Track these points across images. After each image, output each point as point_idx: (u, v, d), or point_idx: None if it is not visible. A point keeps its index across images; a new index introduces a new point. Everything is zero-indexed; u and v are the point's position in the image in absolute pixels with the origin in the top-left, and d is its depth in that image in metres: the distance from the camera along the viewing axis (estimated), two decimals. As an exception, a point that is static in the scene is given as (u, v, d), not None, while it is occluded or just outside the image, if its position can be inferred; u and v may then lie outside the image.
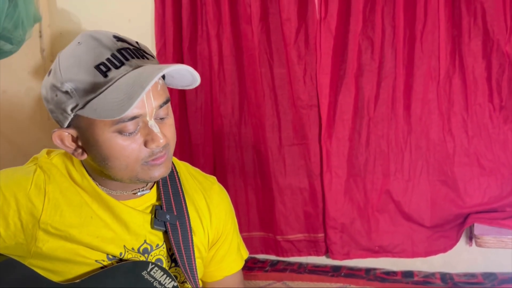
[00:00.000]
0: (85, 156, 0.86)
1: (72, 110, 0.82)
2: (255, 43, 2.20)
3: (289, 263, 2.35)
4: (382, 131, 2.12)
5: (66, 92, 0.82)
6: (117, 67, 0.81)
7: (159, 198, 0.95)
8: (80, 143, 0.86)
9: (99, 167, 0.86)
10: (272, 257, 2.38)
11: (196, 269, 0.94)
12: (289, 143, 2.24)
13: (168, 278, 0.87)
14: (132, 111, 0.80)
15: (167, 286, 0.87)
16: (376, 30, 2.07)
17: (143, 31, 2.41)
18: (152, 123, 0.83)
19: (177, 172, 0.99)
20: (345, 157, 2.16)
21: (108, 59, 0.81)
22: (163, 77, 0.87)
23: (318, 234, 2.28)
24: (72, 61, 0.82)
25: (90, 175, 0.90)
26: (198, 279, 0.94)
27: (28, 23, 2.24)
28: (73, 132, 0.86)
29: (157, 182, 0.97)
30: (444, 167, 2.04)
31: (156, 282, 0.86)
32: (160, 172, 0.86)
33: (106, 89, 0.80)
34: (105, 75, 0.80)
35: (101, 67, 0.81)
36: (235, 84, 2.28)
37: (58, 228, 0.85)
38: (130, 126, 0.82)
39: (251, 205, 2.32)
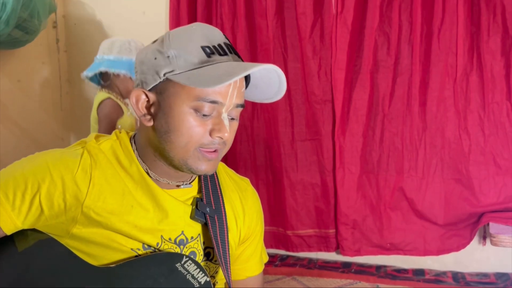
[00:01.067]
0: (151, 123, 0.87)
1: (165, 74, 0.84)
2: (270, 37, 2.19)
3: (299, 258, 2.35)
4: (396, 128, 2.11)
5: (168, 57, 0.84)
6: (221, 54, 0.85)
7: (199, 191, 0.96)
8: (152, 110, 0.87)
9: (158, 138, 0.87)
10: (282, 252, 2.38)
11: (229, 263, 0.96)
12: (302, 138, 2.23)
13: (200, 272, 0.87)
14: (216, 96, 0.83)
15: (199, 280, 0.87)
16: (393, 26, 2.06)
17: (157, 23, 2.40)
18: (225, 115, 0.85)
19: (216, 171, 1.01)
20: (358, 154, 2.15)
21: (214, 46, 0.85)
22: (246, 84, 0.90)
23: (329, 230, 2.27)
24: (183, 36, 0.86)
25: (139, 157, 0.91)
26: (230, 273, 0.95)
27: (44, 13, 2.24)
28: (152, 96, 0.87)
29: (199, 177, 0.97)
30: (459, 165, 2.02)
31: (189, 275, 0.86)
32: (207, 167, 0.87)
33: (205, 66, 0.83)
34: (209, 56, 0.84)
35: (207, 49, 0.85)
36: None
37: (100, 213, 0.85)
38: (207, 108, 0.84)
39: (262, 199, 2.28)
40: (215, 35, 0.87)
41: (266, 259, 1.10)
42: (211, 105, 0.84)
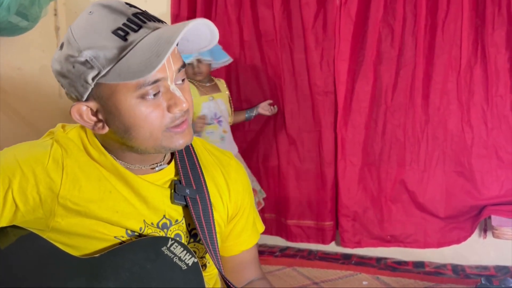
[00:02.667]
0: (106, 129, 0.83)
1: (93, 78, 0.78)
2: (276, 27, 2.17)
3: (299, 250, 2.35)
4: (399, 120, 2.10)
5: (86, 62, 0.77)
6: (135, 31, 0.77)
7: (177, 173, 0.92)
8: (100, 116, 0.82)
9: (121, 139, 0.83)
10: (282, 243, 2.38)
11: (217, 243, 0.93)
12: (307, 129, 2.23)
13: (188, 254, 0.86)
14: (155, 74, 0.78)
15: (187, 262, 0.85)
16: (397, 18, 2.04)
17: (159, 11, 2.38)
18: (173, 87, 0.81)
19: (193, 148, 0.96)
20: (360, 145, 2.15)
21: (124, 24, 0.78)
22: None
23: (325, 222, 2.27)
24: (87, 30, 0.78)
25: (107, 149, 0.87)
26: (219, 253, 0.94)
27: (44, 0, 2.21)
28: (93, 105, 0.81)
29: (175, 158, 0.93)
30: (461, 158, 2.02)
31: (176, 258, 0.85)
32: (184, 139, 0.84)
33: (128, 52, 0.76)
34: (125, 39, 0.77)
35: (119, 31, 0.77)
36: (255, 68, 2.27)
37: (77, 203, 0.83)
38: (151, 90, 0.79)
39: (266, 188, 2.31)
40: (119, 10, 0.79)
41: (261, 228, 1.06)
42: (155, 85, 0.79)
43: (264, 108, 2.21)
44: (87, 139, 0.87)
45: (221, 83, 2.22)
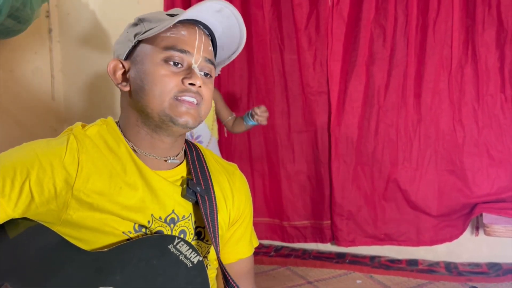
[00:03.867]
0: (127, 88, 0.92)
1: (135, 36, 0.90)
2: (266, 28, 2.18)
3: (294, 249, 2.36)
4: (391, 120, 2.12)
5: (135, 23, 0.91)
6: (183, 17, 0.90)
7: (189, 172, 0.98)
8: (128, 76, 0.93)
9: (136, 97, 0.91)
10: (277, 243, 2.39)
11: (219, 243, 0.97)
12: (298, 130, 2.23)
13: (193, 252, 0.89)
14: (183, 45, 0.89)
15: (192, 260, 0.88)
16: (389, 18, 2.06)
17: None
18: (195, 66, 0.90)
19: (202, 155, 1.03)
20: (353, 145, 2.17)
21: (177, 15, 0.91)
22: (214, 49, 0.96)
23: (323, 222, 2.29)
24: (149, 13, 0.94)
25: (125, 137, 0.94)
26: (219, 249, 0.96)
27: (36, 2, 2.21)
28: (127, 64, 0.92)
29: (187, 158, 0.99)
30: (453, 156, 2.05)
31: (181, 256, 0.87)
32: (186, 118, 0.90)
33: (169, 19, 0.89)
34: (172, 16, 0.90)
35: (170, 15, 0.91)
36: (244, 69, 2.27)
37: (89, 195, 0.87)
38: (177, 56, 0.89)
39: (258, 191, 2.32)
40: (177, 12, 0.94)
41: (256, 243, 1.11)
42: (180, 54, 0.89)
43: (261, 117, 1.90)
44: (108, 131, 0.94)
45: None
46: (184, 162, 0.99)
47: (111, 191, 0.89)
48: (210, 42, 0.94)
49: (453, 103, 2.02)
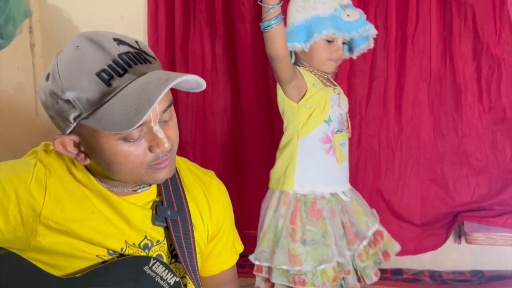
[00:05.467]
0: (88, 161, 0.85)
1: (75, 119, 0.79)
2: (249, 42, 2.21)
3: (280, 261, 2.36)
4: (373, 131, 2.15)
5: (68, 101, 0.77)
6: (120, 75, 0.77)
7: (159, 194, 0.94)
8: (82, 149, 0.84)
9: (103, 171, 0.85)
10: (263, 255, 2.38)
11: (197, 264, 0.94)
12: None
13: (169, 273, 0.87)
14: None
15: (169, 281, 0.87)
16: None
17: (135, 28, 2.39)
18: (157, 128, 0.81)
19: (176, 168, 0.95)
20: (337, 157, 2.18)
21: (110, 66, 0.77)
22: None
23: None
24: (72, 68, 0.79)
25: (90, 172, 0.89)
26: (198, 274, 0.94)
27: (19, 18, 2.21)
28: (75, 138, 0.83)
29: None
30: (434, 166, 2.08)
31: (157, 277, 0.86)
32: (164, 174, 0.85)
33: (110, 98, 0.76)
34: (109, 84, 0.76)
35: (103, 74, 0.77)
36: (228, 83, 2.29)
37: (59, 222, 0.84)
38: (135, 133, 0.80)
39: (243, 203, 2.32)
40: (106, 48, 0.79)
41: (240, 248, 1.08)
42: (137, 129, 0.79)
43: None
44: (72, 161, 0.88)
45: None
46: None
47: (83, 216, 0.86)
48: None
49: (433, 114, 2.06)
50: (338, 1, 1.57)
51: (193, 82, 0.82)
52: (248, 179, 2.32)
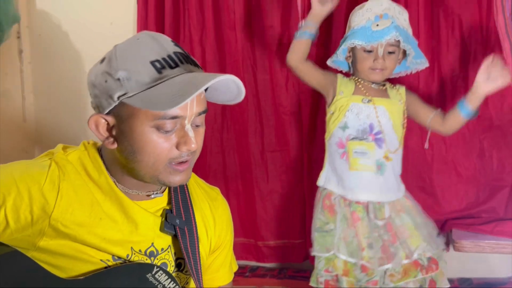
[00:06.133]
0: (115, 145, 0.87)
1: (119, 97, 0.83)
2: (239, 49, 2.21)
3: (269, 269, 2.36)
4: (362, 139, 2.16)
5: (118, 80, 0.83)
6: (172, 67, 0.83)
7: (169, 202, 0.96)
8: (114, 132, 0.87)
9: (125, 159, 0.87)
10: (252, 263, 2.38)
11: (201, 274, 0.95)
12: (271, 149, 2.25)
13: (172, 282, 0.88)
14: (175, 111, 0.83)
15: None
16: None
17: (125, 34, 2.36)
18: (189, 127, 0.85)
19: None
20: (326, 164, 2.19)
21: (164, 59, 0.83)
22: (206, 88, 0.88)
23: (297, 240, 2.29)
24: (129, 53, 0.84)
25: (108, 170, 0.90)
26: (202, 283, 0.95)
27: (7, 23, 2.20)
28: (110, 119, 0.86)
29: (169, 188, 0.97)
30: (422, 174, 2.09)
31: (160, 285, 0.87)
32: (180, 178, 0.88)
33: (158, 84, 0.81)
34: (160, 72, 0.82)
35: (157, 63, 0.83)
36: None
37: (68, 226, 0.85)
38: (169, 124, 0.84)
39: (233, 210, 2.29)
40: (164, 45, 0.85)
41: (235, 268, 1.11)
42: (172, 120, 0.84)
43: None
44: (90, 159, 0.90)
45: (398, 90, 1.77)
46: (166, 190, 0.97)
47: (91, 222, 0.86)
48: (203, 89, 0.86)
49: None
50: (374, 13, 1.65)
51: (234, 90, 0.88)
52: (238, 187, 2.32)
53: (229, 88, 0.88)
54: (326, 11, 1.72)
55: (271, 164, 2.26)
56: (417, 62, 1.78)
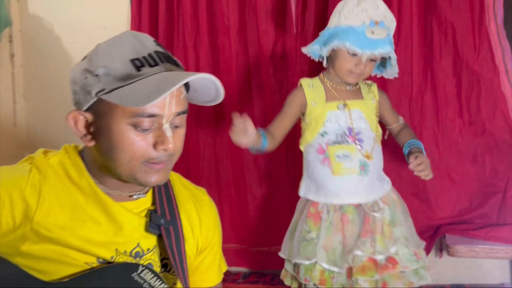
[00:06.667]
0: (92, 143, 0.87)
1: (97, 93, 0.83)
2: (233, 54, 2.21)
3: (262, 275, 2.34)
4: (357, 144, 2.16)
5: (97, 76, 0.83)
6: (151, 66, 0.83)
7: (153, 203, 0.96)
8: (92, 129, 0.87)
9: (102, 157, 0.86)
10: (245, 269, 2.36)
11: (187, 274, 0.94)
12: (265, 154, 2.24)
13: (158, 280, 0.87)
14: (153, 109, 0.82)
15: None
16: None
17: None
18: (166, 126, 0.85)
19: (169, 181, 1.00)
20: (321, 169, 2.19)
21: (144, 57, 0.84)
22: (187, 89, 0.89)
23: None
24: (110, 50, 0.85)
25: (89, 171, 0.90)
26: (188, 283, 0.94)
27: (-1, 27, 2.19)
28: (89, 116, 0.86)
29: (153, 188, 0.97)
30: (415, 180, 2.09)
31: (146, 284, 0.86)
32: (157, 178, 0.87)
33: (136, 81, 0.82)
34: (138, 69, 0.83)
35: (136, 61, 0.83)
36: (211, 95, 2.28)
37: (50, 229, 0.84)
38: (146, 122, 0.83)
39: (225, 216, 2.30)
40: (145, 44, 0.86)
41: (225, 268, 1.11)
42: (150, 118, 0.83)
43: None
44: (71, 162, 0.89)
45: (370, 88, 1.74)
46: (150, 190, 0.96)
47: (74, 224, 0.85)
48: (184, 89, 0.87)
49: (414, 128, 2.07)
50: (370, 16, 1.57)
51: (212, 91, 0.88)
52: (231, 193, 2.30)
53: (208, 88, 0.89)
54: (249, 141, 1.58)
55: (264, 169, 2.25)
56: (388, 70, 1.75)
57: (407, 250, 1.64)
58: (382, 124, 1.83)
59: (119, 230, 0.89)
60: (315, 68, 2.16)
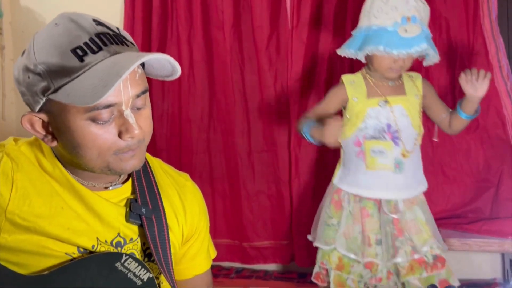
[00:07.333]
0: (55, 143, 0.82)
1: (43, 93, 0.77)
2: (227, 49, 2.20)
3: (255, 270, 2.33)
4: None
5: (39, 74, 0.77)
6: (94, 52, 0.77)
7: (133, 191, 0.91)
8: (50, 129, 0.82)
9: (69, 155, 0.82)
10: (237, 264, 2.35)
11: (171, 263, 0.91)
12: (259, 150, 2.24)
13: (143, 269, 0.83)
14: (107, 99, 0.76)
15: (142, 277, 0.83)
16: (347, 39, 2.12)
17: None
18: (128, 112, 0.79)
19: (150, 167, 0.95)
20: (313, 164, 2.18)
21: (85, 43, 0.77)
22: (143, 66, 0.83)
23: (283, 241, 2.27)
24: (47, 43, 0.78)
25: (61, 163, 0.86)
26: (173, 273, 0.92)
27: (-11, 18, 2.15)
28: (44, 117, 0.81)
29: (132, 176, 0.93)
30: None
31: (130, 274, 0.82)
32: (132, 164, 0.82)
33: (81, 74, 0.76)
34: (81, 60, 0.76)
35: (78, 51, 0.76)
36: (205, 89, 2.27)
37: (26, 218, 0.80)
38: (104, 114, 0.77)
39: (218, 211, 2.29)
40: (84, 27, 0.79)
41: (214, 254, 1.07)
42: (107, 109, 0.77)
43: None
44: (42, 152, 0.85)
45: (415, 82, 1.71)
46: (129, 180, 0.92)
47: (52, 212, 0.82)
48: (138, 67, 0.80)
49: (409, 123, 2.08)
50: (401, 13, 1.53)
51: (168, 66, 0.82)
52: (225, 188, 2.29)
53: (164, 65, 0.82)
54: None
55: (258, 164, 2.24)
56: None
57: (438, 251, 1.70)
58: (432, 123, 1.84)
59: (98, 219, 0.86)
60: (310, 62, 2.16)
